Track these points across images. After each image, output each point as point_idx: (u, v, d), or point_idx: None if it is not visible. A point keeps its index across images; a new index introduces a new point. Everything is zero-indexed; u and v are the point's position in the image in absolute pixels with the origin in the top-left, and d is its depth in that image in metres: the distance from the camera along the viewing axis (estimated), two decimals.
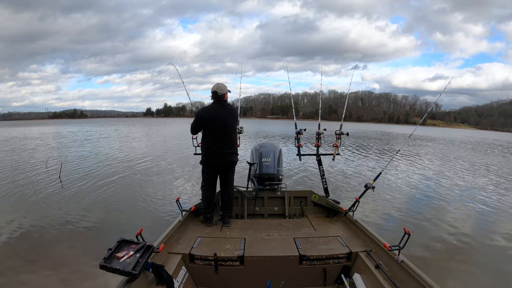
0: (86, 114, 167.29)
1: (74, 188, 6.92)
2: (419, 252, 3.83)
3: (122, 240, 2.00)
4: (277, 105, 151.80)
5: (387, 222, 5.06)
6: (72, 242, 4.07)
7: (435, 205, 6.25)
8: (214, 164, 3.09)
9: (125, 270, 1.76)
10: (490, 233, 4.77)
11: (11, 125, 52.44)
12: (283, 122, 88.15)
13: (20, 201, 5.90)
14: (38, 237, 4.20)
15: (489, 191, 7.77)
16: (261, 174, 3.67)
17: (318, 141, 3.78)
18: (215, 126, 3.00)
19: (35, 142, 18.77)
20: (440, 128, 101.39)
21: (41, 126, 48.20)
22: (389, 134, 36.64)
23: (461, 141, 30.86)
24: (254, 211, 3.53)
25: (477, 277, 3.46)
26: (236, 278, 2.34)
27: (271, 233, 2.82)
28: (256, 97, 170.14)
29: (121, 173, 8.73)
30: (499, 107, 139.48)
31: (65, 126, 44.84)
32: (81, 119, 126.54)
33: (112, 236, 3.67)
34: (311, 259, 2.37)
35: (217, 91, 3.05)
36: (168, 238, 2.49)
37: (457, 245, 4.28)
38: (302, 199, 3.58)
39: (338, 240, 2.64)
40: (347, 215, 3.11)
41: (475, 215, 5.74)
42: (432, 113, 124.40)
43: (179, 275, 2.19)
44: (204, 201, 3.14)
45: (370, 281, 2.13)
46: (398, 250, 2.11)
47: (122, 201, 6.05)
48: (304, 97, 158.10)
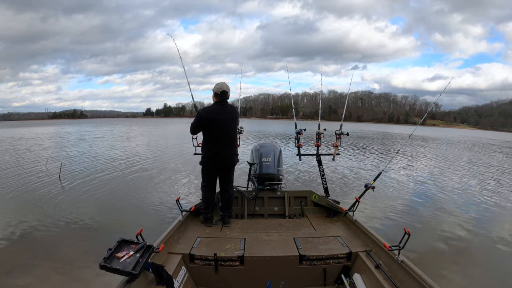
0: (86, 114, 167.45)
1: (74, 188, 6.91)
2: (419, 252, 3.83)
3: (122, 240, 2.00)
4: (277, 105, 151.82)
5: (387, 222, 5.06)
6: (72, 242, 4.07)
7: (435, 205, 6.25)
8: (215, 165, 3.08)
9: (125, 270, 1.76)
10: (490, 233, 4.77)
11: (9, 126, 52.29)
12: (283, 122, 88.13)
13: (19, 202, 5.89)
14: (38, 237, 4.20)
15: (489, 191, 7.76)
16: (261, 174, 3.67)
17: (318, 141, 3.78)
18: (216, 127, 2.97)
19: (30, 142, 18.68)
20: (440, 128, 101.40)
21: (40, 126, 48.11)
22: (389, 134, 36.65)
23: (460, 141, 30.86)
24: (254, 211, 3.53)
25: (477, 277, 3.46)
26: (236, 278, 2.34)
27: (271, 233, 2.82)
28: (256, 97, 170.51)
29: (121, 173, 8.72)
30: (499, 107, 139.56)
31: (63, 126, 44.79)
32: (81, 119, 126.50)
33: (112, 236, 3.65)
34: (311, 259, 2.37)
35: (226, 91, 3.01)
36: (168, 238, 2.49)
37: (457, 245, 4.28)
38: (302, 199, 3.58)
39: (338, 240, 2.64)
40: (347, 215, 3.11)
41: (475, 214, 5.74)
42: (432, 113, 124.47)
43: (179, 275, 2.19)
44: (204, 201, 3.13)
45: (370, 281, 2.13)
46: (398, 250, 2.11)
47: (122, 201, 6.05)
48: (304, 97, 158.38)
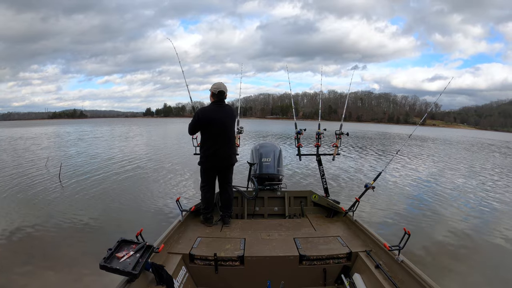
0: (85, 114, 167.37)
1: (74, 187, 6.91)
2: (419, 252, 3.84)
3: (122, 240, 2.00)
4: (277, 105, 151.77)
5: (387, 222, 5.06)
6: (72, 242, 4.07)
7: (435, 205, 6.25)
8: (213, 165, 3.08)
9: (125, 270, 1.77)
10: (490, 233, 4.77)
11: (9, 126, 52.22)
12: (283, 122, 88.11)
13: (19, 202, 5.89)
14: (38, 237, 4.19)
15: (489, 190, 7.76)
16: (261, 174, 3.67)
17: (318, 141, 3.78)
18: (214, 127, 2.98)
19: (29, 142, 18.67)
20: (440, 128, 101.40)
21: (39, 126, 48.05)
22: (389, 134, 36.65)
23: (460, 141, 30.87)
24: (254, 211, 3.53)
25: (477, 277, 3.46)
26: (236, 278, 2.34)
27: (271, 233, 2.82)
28: (255, 97, 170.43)
29: (121, 173, 8.72)
30: (499, 107, 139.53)
31: (62, 126, 44.71)
32: (80, 119, 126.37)
33: (112, 236, 3.65)
34: (311, 259, 2.37)
35: (223, 91, 3.01)
36: (168, 238, 2.49)
37: (457, 245, 4.29)
38: (302, 199, 3.58)
39: (338, 240, 2.64)
40: (347, 215, 3.11)
41: (475, 214, 5.74)
42: (431, 113, 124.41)
43: (179, 275, 2.19)
44: (203, 201, 3.13)
45: (370, 281, 2.13)
46: (398, 250, 2.11)
47: (122, 201, 6.04)
48: (304, 97, 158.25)
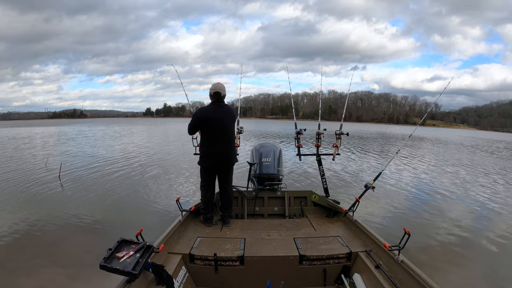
0: (85, 114, 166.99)
1: (74, 187, 6.91)
2: (419, 252, 3.83)
3: (122, 240, 2.01)
4: (277, 105, 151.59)
5: (387, 222, 5.06)
6: (72, 242, 4.07)
7: (435, 205, 6.25)
8: (213, 165, 3.08)
9: (125, 270, 1.77)
10: (490, 233, 4.77)
11: (8, 125, 52.18)
12: (283, 122, 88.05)
13: (19, 201, 5.88)
14: (38, 237, 4.19)
15: (489, 190, 7.76)
16: (261, 174, 3.67)
17: (318, 141, 3.79)
18: (213, 126, 2.98)
19: (28, 142, 18.70)
20: (440, 128, 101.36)
21: (39, 126, 47.98)
22: (389, 135, 36.64)
23: (459, 141, 30.86)
24: (254, 211, 3.53)
25: (476, 277, 3.46)
26: (236, 278, 2.34)
27: (271, 233, 2.82)
28: (256, 97, 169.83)
29: (121, 173, 8.71)
30: (499, 108, 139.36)
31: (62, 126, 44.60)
32: (80, 119, 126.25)
33: (112, 236, 3.66)
34: (311, 259, 2.37)
35: (220, 92, 3.02)
36: (168, 238, 2.49)
37: (457, 245, 4.28)
38: (302, 199, 3.58)
39: (338, 240, 2.64)
40: (347, 215, 3.11)
41: (475, 214, 5.74)
42: (431, 113, 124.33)
43: (179, 275, 2.19)
44: (203, 201, 3.14)
45: (370, 281, 2.13)
46: (398, 250, 2.11)
47: (122, 201, 6.05)
48: (304, 97, 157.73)
